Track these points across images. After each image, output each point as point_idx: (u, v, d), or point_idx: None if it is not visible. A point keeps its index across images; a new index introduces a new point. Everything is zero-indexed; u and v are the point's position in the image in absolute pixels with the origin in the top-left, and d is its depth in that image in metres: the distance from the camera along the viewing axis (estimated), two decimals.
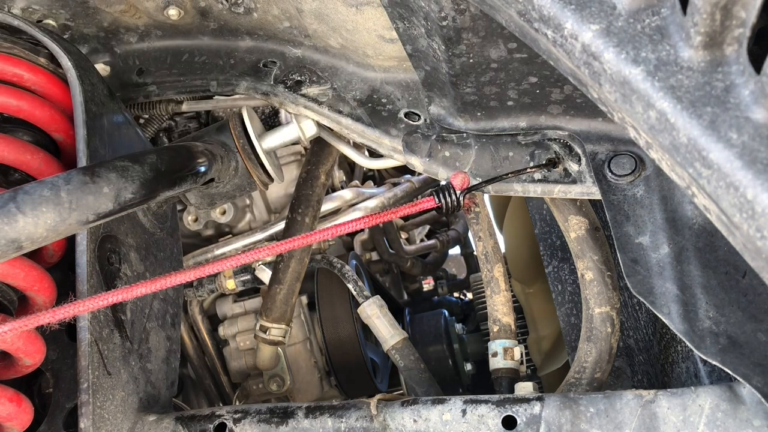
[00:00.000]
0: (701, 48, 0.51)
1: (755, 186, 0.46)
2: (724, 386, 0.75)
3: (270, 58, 1.14)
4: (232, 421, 0.89)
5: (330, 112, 1.07)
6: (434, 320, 1.90)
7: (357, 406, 0.87)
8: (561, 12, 0.57)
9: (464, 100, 0.91)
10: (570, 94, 0.87)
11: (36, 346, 0.88)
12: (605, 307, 0.93)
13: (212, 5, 1.09)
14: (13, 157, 0.91)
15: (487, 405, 0.82)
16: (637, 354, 1.23)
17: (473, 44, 0.80)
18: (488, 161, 0.95)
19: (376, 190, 1.51)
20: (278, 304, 1.25)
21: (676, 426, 0.75)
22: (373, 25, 0.96)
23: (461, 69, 0.84)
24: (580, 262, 0.95)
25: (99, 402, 0.87)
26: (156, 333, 1.03)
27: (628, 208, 0.82)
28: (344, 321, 1.53)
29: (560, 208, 0.98)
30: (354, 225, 0.80)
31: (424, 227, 2.43)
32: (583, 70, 0.58)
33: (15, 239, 0.60)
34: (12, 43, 0.98)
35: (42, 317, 0.63)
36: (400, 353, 1.23)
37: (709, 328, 0.71)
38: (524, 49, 0.80)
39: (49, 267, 0.95)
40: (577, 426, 0.78)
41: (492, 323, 1.04)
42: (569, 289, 1.43)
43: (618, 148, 0.87)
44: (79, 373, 0.87)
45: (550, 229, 1.49)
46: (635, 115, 0.55)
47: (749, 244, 0.50)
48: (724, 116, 0.49)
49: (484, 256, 1.05)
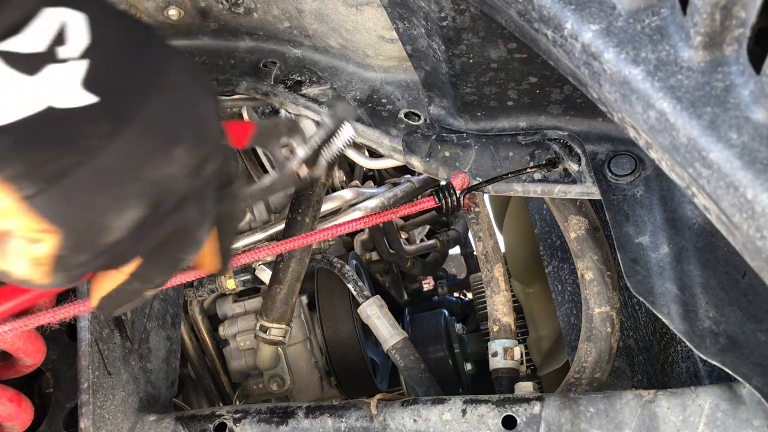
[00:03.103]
0: (701, 48, 0.51)
1: (755, 186, 0.46)
2: (724, 386, 0.75)
3: (270, 58, 1.14)
4: (232, 421, 0.89)
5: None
6: (434, 320, 1.90)
7: (357, 406, 0.87)
8: (561, 12, 0.57)
9: (464, 100, 0.91)
10: (570, 94, 0.87)
11: (36, 346, 0.88)
12: (605, 307, 0.93)
13: (212, 5, 1.09)
14: None
15: (487, 405, 0.82)
16: (637, 354, 1.23)
17: (473, 44, 0.80)
18: (488, 161, 0.95)
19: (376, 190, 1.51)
20: (278, 304, 1.25)
21: (676, 426, 0.75)
22: (373, 25, 0.96)
23: (461, 69, 0.84)
24: (580, 262, 0.95)
25: (99, 402, 0.87)
26: (156, 333, 1.03)
27: (628, 208, 0.82)
28: (344, 321, 1.53)
29: (560, 208, 0.98)
30: (354, 225, 0.80)
31: (424, 227, 2.43)
32: (582, 70, 0.58)
33: None
34: None
35: (43, 317, 0.63)
36: (400, 353, 1.23)
37: (709, 328, 0.71)
38: (524, 49, 0.80)
39: None
40: (577, 426, 0.78)
41: (492, 323, 1.04)
42: (569, 289, 1.43)
43: (618, 148, 0.87)
44: (79, 373, 0.87)
45: (550, 229, 1.49)
46: (635, 115, 0.55)
47: (749, 244, 0.50)
48: (724, 116, 0.49)
49: (484, 256, 1.05)
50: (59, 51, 0.43)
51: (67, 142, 0.43)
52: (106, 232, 0.47)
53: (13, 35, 0.41)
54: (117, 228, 0.47)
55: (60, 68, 0.43)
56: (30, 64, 0.42)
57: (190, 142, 0.49)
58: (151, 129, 0.46)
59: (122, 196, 0.46)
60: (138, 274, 0.54)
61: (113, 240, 0.47)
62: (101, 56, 0.44)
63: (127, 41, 0.47)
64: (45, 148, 0.43)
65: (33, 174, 0.43)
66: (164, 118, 0.47)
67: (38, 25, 0.42)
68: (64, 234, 0.45)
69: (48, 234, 0.45)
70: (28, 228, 0.45)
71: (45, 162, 0.43)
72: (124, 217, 0.47)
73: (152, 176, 0.47)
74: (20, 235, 0.46)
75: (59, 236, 0.45)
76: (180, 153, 0.48)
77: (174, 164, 0.48)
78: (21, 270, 0.47)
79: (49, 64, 0.42)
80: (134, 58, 0.46)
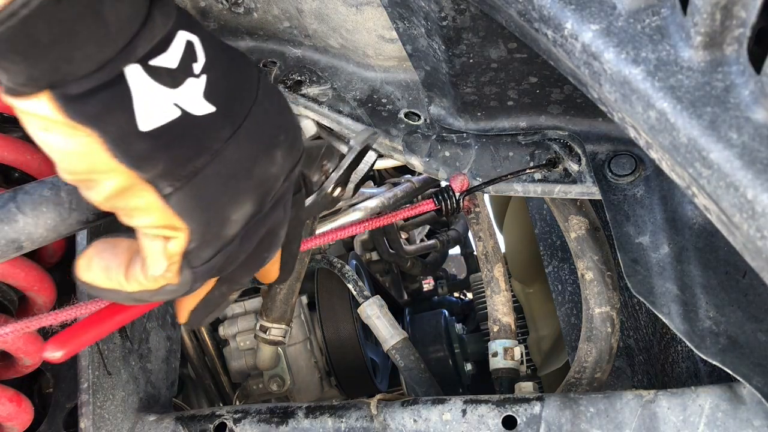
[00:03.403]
0: (701, 48, 0.51)
1: (755, 186, 0.46)
2: (724, 386, 0.75)
3: (270, 58, 1.14)
4: (232, 421, 0.89)
5: (330, 112, 1.07)
6: (434, 320, 1.90)
7: (357, 406, 0.87)
8: (561, 12, 0.57)
9: (464, 100, 0.91)
10: (570, 94, 0.87)
11: (36, 347, 0.88)
12: (605, 307, 0.93)
13: (212, 5, 1.09)
14: (13, 157, 0.91)
15: (487, 405, 0.82)
16: (637, 354, 1.23)
17: (473, 44, 0.80)
18: (488, 161, 0.95)
19: (376, 190, 1.50)
20: (278, 304, 1.24)
21: (676, 426, 0.75)
22: (373, 25, 0.96)
23: (461, 69, 0.84)
24: (580, 262, 0.95)
25: (99, 402, 0.87)
26: (156, 333, 1.03)
27: (628, 208, 0.82)
28: (344, 321, 1.53)
29: (560, 208, 0.98)
30: (354, 229, 0.80)
31: (424, 227, 2.43)
32: (583, 70, 0.58)
33: (15, 239, 0.60)
34: None
35: (44, 319, 0.63)
36: (400, 353, 1.23)
37: (710, 328, 0.71)
38: (524, 49, 0.80)
39: (49, 267, 0.95)
40: (577, 426, 0.78)
41: (492, 323, 1.04)
42: (569, 289, 1.43)
43: (618, 148, 0.87)
44: (79, 373, 0.87)
45: (550, 229, 1.49)
46: (635, 115, 0.55)
47: (749, 244, 0.50)
48: (724, 116, 0.49)
49: (484, 256, 1.05)
50: (194, 67, 0.49)
51: (198, 144, 0.50)
52: (227, 225, 0.53)
53: (159, 54, 0.48)
54: (235, 221, 0.53)
55: (193, 82, 0.49)
56: (173, 78, 0.48)
57: (286, 146, 0.56)
58: (257, 133, 0.53)
59: (239, 191, 0.53)
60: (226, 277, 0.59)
61: (232, 234, 0.53)
62: (213, 72, 0.50)
63: (227, 59, 0.53)
64: (181, 150, 0.49)
65: (170, 174, 0.49)
66: (265, 125, 0.54)
67: (176, 44, 0.49)
68: (192, 229, 0.51)
69: (178, 231, 0.51)
70: (161, 224, 0.51)
71: (181, 163, 0.49)
72: (240, 211, 0.53)
73: (260, 175, 0.54)
74: (153, 233, 0.51)
75: (188, 232, 0.51)
76: (279, 155, 0.55)
77: (275, 165, 0.55)
78: (160, 268, 0.52)
79: (190, 78, 0.49)
80: (235, 74, 0.53)
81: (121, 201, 0.50)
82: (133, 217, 0.51)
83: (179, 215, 0.50)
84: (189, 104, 0.49)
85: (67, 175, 0.50)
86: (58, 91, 0.45)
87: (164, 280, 0.54)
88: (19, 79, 0.44)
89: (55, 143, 0.47)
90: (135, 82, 0.46)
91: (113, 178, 0.48)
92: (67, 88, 0.45)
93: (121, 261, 0.55)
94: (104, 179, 0.49)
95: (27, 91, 0.45)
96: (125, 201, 0.50)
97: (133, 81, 0.46)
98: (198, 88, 0.49)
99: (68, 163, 0.48)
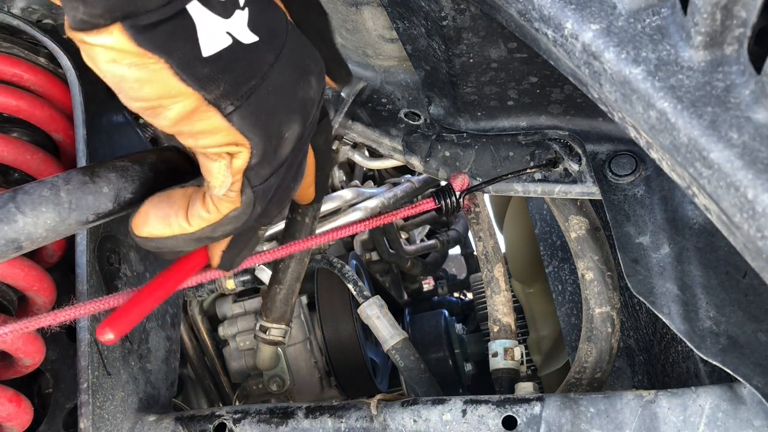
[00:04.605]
0: (702, 48, 0.50)
1: (755, 186, 0.46)
2: (724, 386, 0.75)
3: None
4: (232, 421, 0.88)
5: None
6: (434, 320, 1.90)
7: (357, 406, 0.87)
8: (561, 12, 0.57)
9: (464, 100, 0.91)
10: (570, 94, 0.86)
11: (36, 347, 0.88)
12: (605, 307, 0.93)
13: None
14: (12, 157, 0.91)
15: (487, 405, 0.82)
16: (637, 354, 1.23)
17: (473, 44, 0.80)
18: (488, 161, 0.95)
19: (376, 190, 1.50)
20: (278, 304, 1.24)
21: (676, 426, 0.75)
22: (373, 24, 0.96)
23: (461, 69, 0.84)
24: (580, 262, 0.95)
25: (99, 402, 0.87)
26: (156, 333, 1.03)
27: (629, 208, 0.82)
28: (344, 321, 1.53)
29: (560, 208, 0.98)
30: (354, 228, 0.80)
31: (424, 227, 2.42)
32: (583, 70, 0.58)
33: (15, 239, 0.60)
34: (11, 42, 0.98)
35: (43, 319, 0.63)
36: (400, 353, 1.23)
37: (710, 328, 0.71)
38: (524, 49, 0.80)
39: (49, 267, 0.95)
40: (578, 426, 0.78)
41: (492, 323, 1.03)
42: (569, 289, 1.43)
43: (618, 148, 0.87)
44: (78, 373, 0.87)
45: (550, 229, 1.49)
46: (635, 115, 0.55)
47: (750, 244, 0.50)
48: (725, 116, 0.49)
49: (484, 256, 1.05)
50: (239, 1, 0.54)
51: (250, 67, 0.54)
52: (282, 143, 0.58)
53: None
54: (288, 140, 0.59)
55: (240, 13, 0.54)
56: (225, 9, 0.52)
57: (317, 72, 0.62)
58: (295, 60, 0.59)
59: (288, 110, 0.58)
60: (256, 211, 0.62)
61: (285, 153, 0.59)
62: (253, 6, 0.55)
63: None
64: (237, 72, 0.53)
65: (231, 94, 0.53)
66: (299, 54, 0.60)
67: None
68: (255, 143, 0.56)
69: (241, 147, 0.55)
70: (225, 142, 0.55)
71: (238, 83, 0.54)
72: (291, 129, 0.59)
73: (302, 97, 0.59)
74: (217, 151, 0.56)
75: (250, 147, 0.56)
76: (313, 80, 0.61)
77: (312, 89, 0.61)
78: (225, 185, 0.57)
79: (237, 10, 0.53)
80: (269, 10, 0.58)
81: (188, 125, 0.54)
82: (199, 139, 0.55)
83: (241, 131, 0.54)
84: (238, 33, 0.53)
85: (135, 103, 0.53)
86: (128, 22, 0.48)
87: (228, 202, 0.58)
88: (96, 10, 0.47)
89: (125, 73, 0.50)
90: (196, 13, 0.51)
91: (181, 101, 0.52)
92: (138, 19, 0.48)
93: (179, 206, 0.60)
94: (172, 103, 0.52)
95: (101, 23, 0.48)
96: (191, 124, 0.54)
97: (194, 12, 0.51)
98: (244, 19, 0.54)
99: (138, 91, 0.51)
